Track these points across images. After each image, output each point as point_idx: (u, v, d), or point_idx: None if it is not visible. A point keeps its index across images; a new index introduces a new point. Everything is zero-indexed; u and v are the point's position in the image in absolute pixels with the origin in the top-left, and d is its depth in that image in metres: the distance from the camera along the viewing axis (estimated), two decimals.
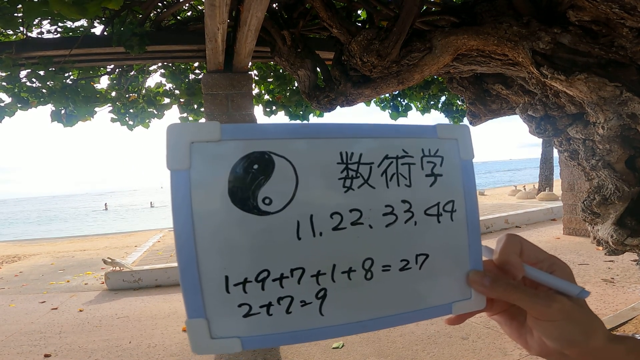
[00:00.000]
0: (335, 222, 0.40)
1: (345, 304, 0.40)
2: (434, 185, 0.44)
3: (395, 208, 0.42)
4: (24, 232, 24.11)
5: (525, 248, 0.44)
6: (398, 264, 0.42)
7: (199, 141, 0.37)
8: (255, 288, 0.38)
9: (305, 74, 2.61)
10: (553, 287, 0.43)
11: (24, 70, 3.02)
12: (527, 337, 0.44)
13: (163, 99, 4.36)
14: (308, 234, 0.39)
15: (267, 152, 0.38)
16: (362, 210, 0.41)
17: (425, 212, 0.43)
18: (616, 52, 1.54)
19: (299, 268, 0.39)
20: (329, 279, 0.40)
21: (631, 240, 1.86)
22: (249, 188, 0.38)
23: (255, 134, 0.39)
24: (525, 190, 14.09)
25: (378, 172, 0.42)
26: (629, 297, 4.01)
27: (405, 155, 0.43)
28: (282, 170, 0.39)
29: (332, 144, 0.41)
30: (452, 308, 0.44)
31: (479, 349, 3.21)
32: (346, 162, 0.41)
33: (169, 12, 2.96)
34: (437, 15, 2.18)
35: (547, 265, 0.44)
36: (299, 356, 3.31)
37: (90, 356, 3.59)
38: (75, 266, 7.84)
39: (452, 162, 0.45)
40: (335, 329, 0.40)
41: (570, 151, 2.10)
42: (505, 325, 0.47)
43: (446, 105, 4.90)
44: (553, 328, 0.41)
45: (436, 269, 0.44)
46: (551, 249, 6.23)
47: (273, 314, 0.38)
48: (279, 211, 0.38)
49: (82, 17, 2.33)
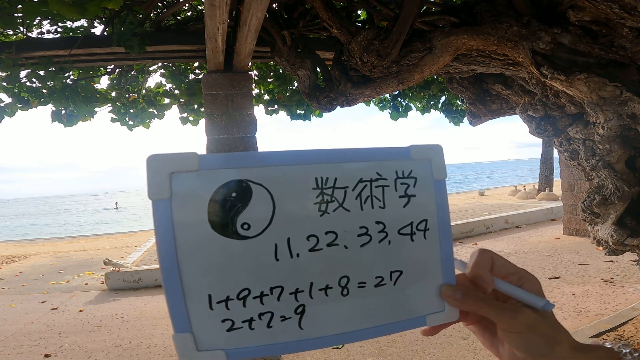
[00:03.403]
0: (312, 244, 0.42)
1: (323, 318, 0.43)
2: (408, 206, 0.46)
3: (369, 229, 0.44)
4: (37, 230, 24.25)
5: (496, 262, 0.46)
6: (373, 281, 0.45)
7: (178, 171, 0.39)
8: (237, 305, 0.40)
9: (305, 74, 2.61)
10: (520, 300, 0.45)
11: (24, 70, 3.02)
12: (499, 347, 0.46)
13: (163, 99, 4.35)
14: (285, 255, 0.42)
15: (245, 180, 0.40)
16: (337, 232, 0.43)
17: (399, 231, 0.46)
18: (616, 52, 1.54)
19: (278, 287, 0.42)
20: (307, 295, 0.42)
21: (631, 240, 1.86)
22: (228, 215, 0.40)
23: (232, 163, 0.41)
24: (525, 191, 14.09)
25: (352, 195, 0.44)
26: (629, 297, 4.01)
27: (379, 178, 0.45)
28: (259, 197, 0.41)
29: (308, 170, 0.43)
30: (427, 320, 0.46)
31: (479, 349, 3.21)
32: (321, 187, 0.43)
33: (169, 12, 2.96)
34: (437, 15, 2.18)
35: (516, 279, 0.46)
36: (298, 356, 3.31)
37: (90, 356, 3.59)
38: (75, 266, 7.84)
39: (425, 182, 0.47)
40: (315, 341, 0.42)
41: (570, 151, 2.10)
42: (479, 334, 0.49)
43: (446, 105, 4.89)
44: (519, 339, 0.43)
45: (410, 284, 0.46)
46: (551, 249, 6.23)
47: (255, 328, 0.41)
48: (257, 235, 0.41)
49: (82, 17, 2.33)
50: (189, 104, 4.26)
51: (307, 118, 4.60)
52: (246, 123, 2.94)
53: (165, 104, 4.34)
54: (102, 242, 11.81)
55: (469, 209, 10.88)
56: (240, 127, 2.92)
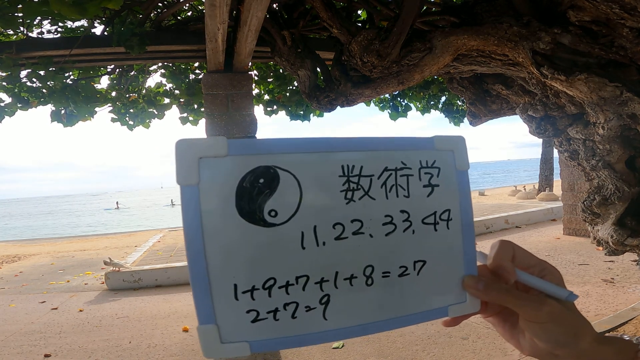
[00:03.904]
0: (338, 232, 0.42)
1: (348, 309, 0.43)
2: (431, 195, 0.46)
3: (394, 218, 0.45)
4: (37, 230, 24.29)
5: (517, 254, 0.46)
6: (397, 270, 0.45)
7: (206, 157, 0.39)
8: (263, 295, 0.40)
9: (305, 74, 2.61)
10: (543, 291, 0.45)
11: (24, 70, 3.02)
12: (520, 338, 0.46)
13: (163, 99, 4.35)
14: (312, 243, 0.41)
15: (272, 166, 0.40)
16: (362, 221, 0.43)
17: (422, 221, 0.46)
18: (616, 52, 1.54)
19: (303, 276, 0.41)
20: (331, 285, 0.42)
21: (631, 240, 1.86)
22: (256, 201, 0.40)
23: (260, 149, 0.40)
24: (525, 191, 14.09)
25: (378, 183, 0.44)
26: (629, 297, 4.01)
27: (404, 167, 0.45)
28: (286, 184, 0.41)
29: (334, 157, 0.43)
30: (448, 311, 0.46)
31: (479, 349, 3.21)
32: (347, 174, 0.43)
33: (169, 12, 2.96)
34: (437, 15, 2.18)
35: (538, 270, 0.46)
36: (299, 356, 3.31)
37: (90, 356, 3.59)
38: (75, 266, 7.84)
39: (448, 173, 0.47)
40: (338, 332, 0.42)
41: (570, 151, 2.10)
42: (499, 326, 0.49)
43: (446, 105, 4.89)
44: (543, 330, 0.43)
45: (433, 274, 0.46)
46: (551, 249, 6.22)
47: (279, 319, 0.40)
48: (284, 223, 0.41)
49: (82, 17, 2.34)
50: (189, 104, 4.26)
51: (306, 118, 4.60)
52: (246, 123, 2.94)
53: (165, 104, 4.34)
54: (102, 242, 11.81)
55: None
56: (240, 127, 2.92)
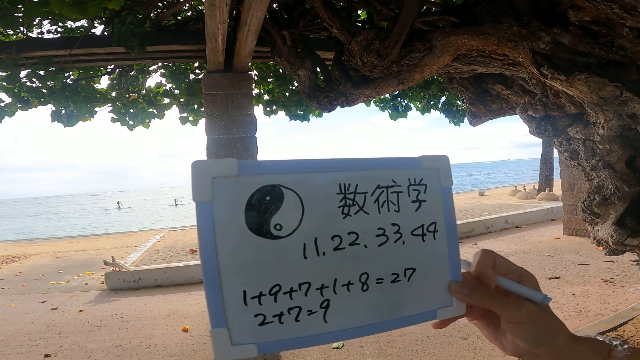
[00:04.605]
0: (336, 243, 0.48)
1: (346, 312, 0.47)
2: (419, 210, 0.52)
3: (386, 230, 0.50)
4: (37, 230, 24.31)
5: (497, 261, 0.51)
6: (390, 277, 0.50)
7: (219, 176, 0.44)
8: (269, 300, 0.45)
9: (305, 74, 2.61)
10: (521, 294, 0.49)
11: (24, 70, 3.02)
12: (502, 339, 0.50)
13: (163, 99, 4.35)
14: (313, 254, 0.46)
15: (278, 185, 0.45)
16: (358, 233, 0.48)
17: (411, 232, 0.51)
18: (616, 52, 1.54)
19: (305, 282, 0.46)
20: (331, 291, 0.47)
21: (631, 240, 1.86)
22: (263, 216, 0.45)
23: (267, 169, 0.46)
24: (525, 191, 14.08)
25: (371, 200, 0.49)
26: (629, 297, 4.01)
27: (394, 185, 0.51)
28: (290, 201, 0.46)
29: (333, 177, 0.48)
30: (437, 314, 0.51)
31: (479, 349, 3.21)
32: (344, 192, 0.48)
33: (169, 12, 2.96)
34: (437, 15, 2.18)
35: (516, 276, 0.50)
36: (299, 356, 3.31)
37: (90, 356, 3.60)
38: (75, 266, 7.84)
39: (434, 189, 0.53)
40: (338, 333, 0.47)
41: (570, 151, 2.10)
42: (483, 328, 0.53)
43: (446, 105, 4.89)
44: (522, 330, 0.47)
45: (422, 280, 0.51)
46: (551, 249, 6.23)
47: (284, 322, 0.45)
48: (288, 235, 0.46)
49: (82, 17, 2.33)
50: (189, 104, 4.26)
51: (306, 118, 4.60)
52: (246, 123, 2.94)
53: (165, 104, 4.34)
54: (102, 242, 11.81)
55: (469, 209, 10.88)
56: (240, 127, 2.92)
